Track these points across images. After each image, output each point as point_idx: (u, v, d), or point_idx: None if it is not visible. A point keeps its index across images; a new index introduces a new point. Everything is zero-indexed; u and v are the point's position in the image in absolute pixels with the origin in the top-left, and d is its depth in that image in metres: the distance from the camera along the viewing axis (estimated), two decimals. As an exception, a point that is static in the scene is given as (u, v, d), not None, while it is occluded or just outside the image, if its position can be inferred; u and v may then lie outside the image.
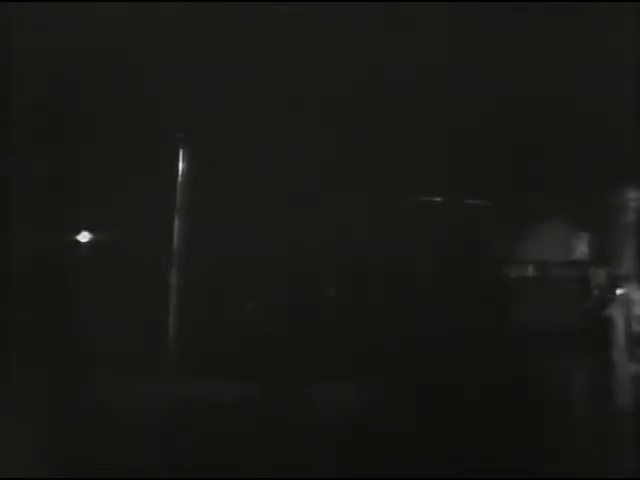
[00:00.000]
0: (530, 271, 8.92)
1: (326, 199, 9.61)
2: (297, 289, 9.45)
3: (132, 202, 9.29)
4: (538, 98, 9.33)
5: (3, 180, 8.68)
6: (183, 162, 8.64)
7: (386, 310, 9.15)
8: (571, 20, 8.84)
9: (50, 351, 8.16)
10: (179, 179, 8.65)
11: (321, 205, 9.58)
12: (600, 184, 8.26)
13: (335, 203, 9.60)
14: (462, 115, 9.35)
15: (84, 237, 8.97)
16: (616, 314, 7.86)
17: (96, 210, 9.27)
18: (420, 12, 9.09)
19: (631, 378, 7.78)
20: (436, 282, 9.35)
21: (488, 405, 7.74)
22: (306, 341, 9.02)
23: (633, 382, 7.75)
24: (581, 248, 8.81)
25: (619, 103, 8.50)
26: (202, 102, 9.44)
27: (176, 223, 8.64)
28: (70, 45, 9.50)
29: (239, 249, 9.52)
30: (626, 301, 7.91)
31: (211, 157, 9.11)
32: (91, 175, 9.63)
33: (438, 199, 9.42)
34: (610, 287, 8.07)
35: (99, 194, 9.51)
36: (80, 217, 9.11)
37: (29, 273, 8.63)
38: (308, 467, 6.13)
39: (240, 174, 9.67)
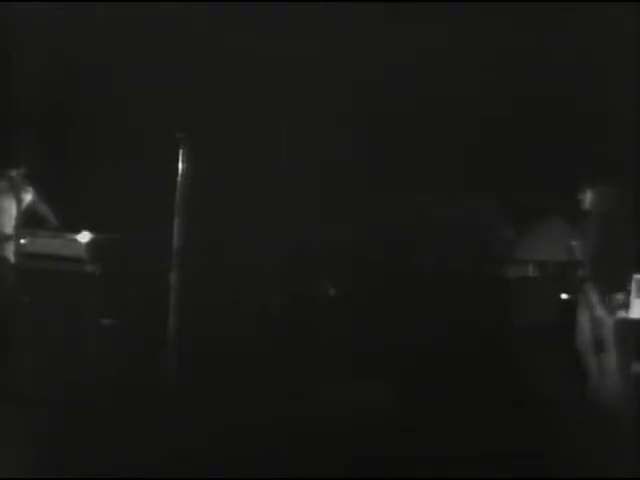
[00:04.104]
0: (530, 271, 8.92)
1: (326, 198, 9.63)
2: (297, 289, 9.46)
3: (132, 202, 9.31)
4: (538, 98, 9.36)
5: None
6: (183, 162, 8.63)
7: (386, 309, 9.16)
8: (572, 20, 8.87)
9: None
10: (179, 179, 8.64)
11: (321, 204, 9.60)
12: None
13: (335, 203, 9.62)
14: (462, 115, 9.38)
15: (84, 237, 8.98)
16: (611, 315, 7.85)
17: (96, 210, 9.29)
18: (421, 12, 9.13)
19: (631, 378, 7.77)
20: (436, 282, 9.36)
21: (487, 405, 7.75)
22: (305, 340, 9.03)
23: (633, 382, 7.74)
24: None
25: (619, 103, 8.52)
26: (202, 102, 9.46)
27: (176, 223, 8.63)
28: (70, 45, 9.53)
29: (238, 248, 9.53)
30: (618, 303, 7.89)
31: (211, 157, 9.12)
32: (91, 175, 9.65)
33: (438, 199, 9.44)
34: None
35: (98, 194, 9.53)
36: (80, 217, 9.12)
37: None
38: (306, 467, 6.13)
39: (240, 174, 9.68)
